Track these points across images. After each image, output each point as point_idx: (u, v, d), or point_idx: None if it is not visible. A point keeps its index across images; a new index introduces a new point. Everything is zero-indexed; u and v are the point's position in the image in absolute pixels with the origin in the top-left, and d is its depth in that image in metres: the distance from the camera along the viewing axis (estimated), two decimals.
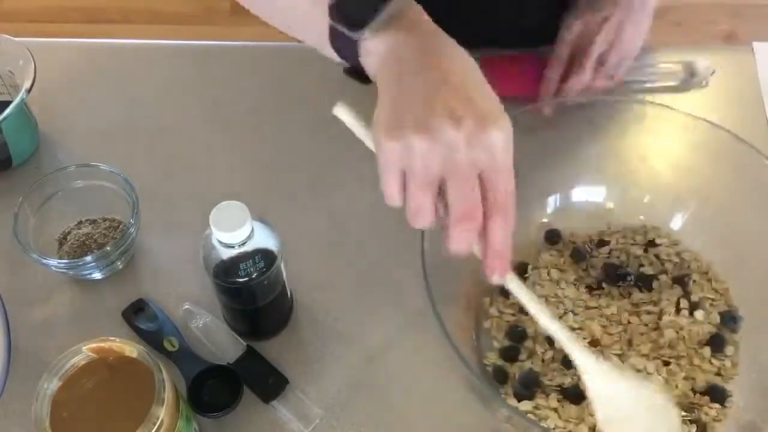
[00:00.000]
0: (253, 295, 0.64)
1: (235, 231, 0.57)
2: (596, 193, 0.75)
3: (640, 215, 0.74)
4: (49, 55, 0.82)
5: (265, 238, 0.61)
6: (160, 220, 0.76)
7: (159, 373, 0.53)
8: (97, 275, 0.72)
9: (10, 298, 0.67)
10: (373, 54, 0.52)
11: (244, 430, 0.64)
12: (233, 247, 0.59)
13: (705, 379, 0.64)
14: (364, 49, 0.52)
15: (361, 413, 0.65)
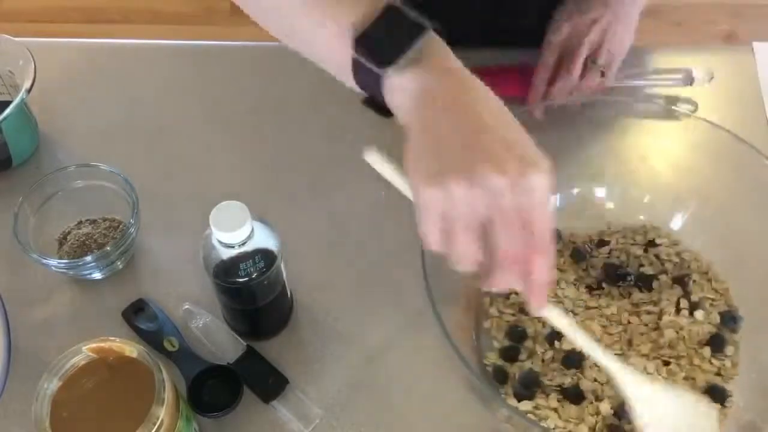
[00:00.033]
0: (253, 295, 0.64)
1: (235, 231, 0.57)
2: (596, 193, 0.75)
3: (640, 215, 0.74)
4: (49, 55, 0.82)
5: (265, 238, 0.61)
6: (160, 220, 0.76)
7: (159, 373, 0.53)
8: (97, 275, 0.72)
9: (10, 298, 0.67)
10: (399, 91, 0.50)
11: (244, 430, 0.64)
12: (233, 247, 0.59)
13: (705, 379, 0.64)
14: (388, 86, 0.51)
15: (361, 413, 0.65)
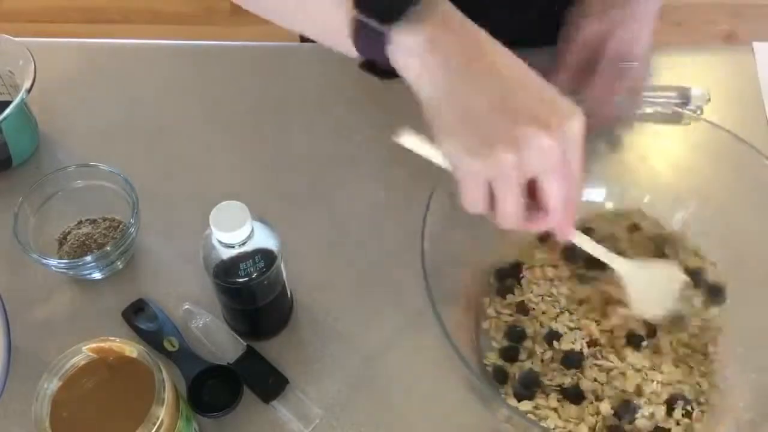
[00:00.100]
0: (253, 295, 0.64)
1: (235, 231, 0.57)
2: (596, 193, 0.75)
3: None
4: (49, 55, 0.82)
5: (265, 238, 0.61)
6: (160, 220, 0.76)
7: (159, 373, 0.53)
8: (97, 275, 0.72)
9: (10, 298, 0.67)
10: (407, 50, 0.48)
11: (244, 430, 0.64)
12: (233, 247, 0.59)
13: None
14: (394, 44, 0.49)
15: (361, 413, 0.65)
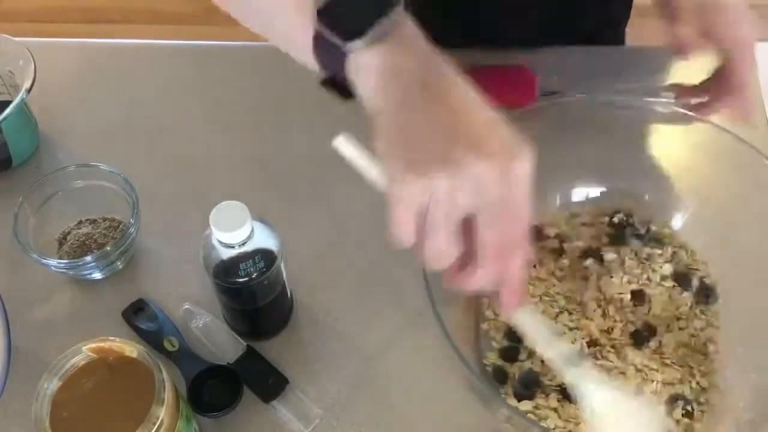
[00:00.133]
0: (253, 295, 0.64)
1: (235, 231, 0.57)
2: (596, 193, 0.75)
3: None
4: (49, 55, 0.82)
5: (265, 238, 0.61)
6: (160, 220, 0.76)
7: (159, 373, 0.53)
8: (97, 275, 0.72)
9: (10, 298, 0.67)
10: (365, 69, 0.47)
11: (244, 430, 0.64)
12: (233, 247, 0.59)
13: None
14: (354, 63, 0.47)
15: (361, 413, 0.65)
